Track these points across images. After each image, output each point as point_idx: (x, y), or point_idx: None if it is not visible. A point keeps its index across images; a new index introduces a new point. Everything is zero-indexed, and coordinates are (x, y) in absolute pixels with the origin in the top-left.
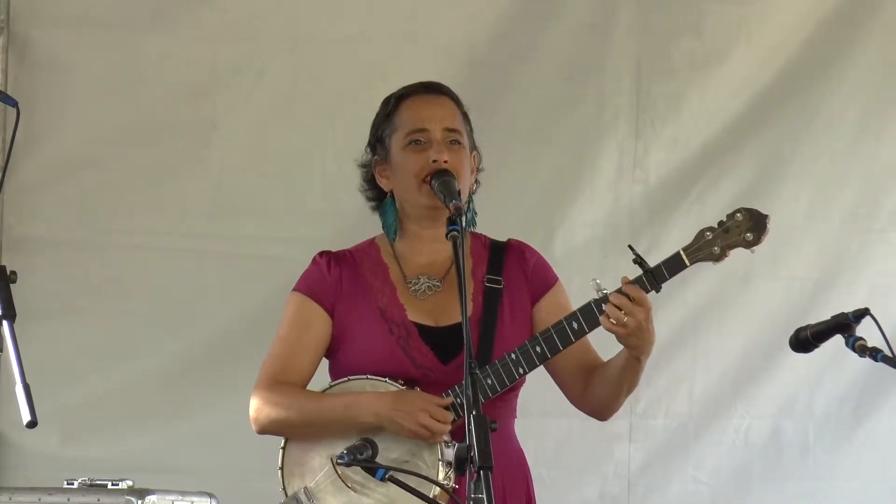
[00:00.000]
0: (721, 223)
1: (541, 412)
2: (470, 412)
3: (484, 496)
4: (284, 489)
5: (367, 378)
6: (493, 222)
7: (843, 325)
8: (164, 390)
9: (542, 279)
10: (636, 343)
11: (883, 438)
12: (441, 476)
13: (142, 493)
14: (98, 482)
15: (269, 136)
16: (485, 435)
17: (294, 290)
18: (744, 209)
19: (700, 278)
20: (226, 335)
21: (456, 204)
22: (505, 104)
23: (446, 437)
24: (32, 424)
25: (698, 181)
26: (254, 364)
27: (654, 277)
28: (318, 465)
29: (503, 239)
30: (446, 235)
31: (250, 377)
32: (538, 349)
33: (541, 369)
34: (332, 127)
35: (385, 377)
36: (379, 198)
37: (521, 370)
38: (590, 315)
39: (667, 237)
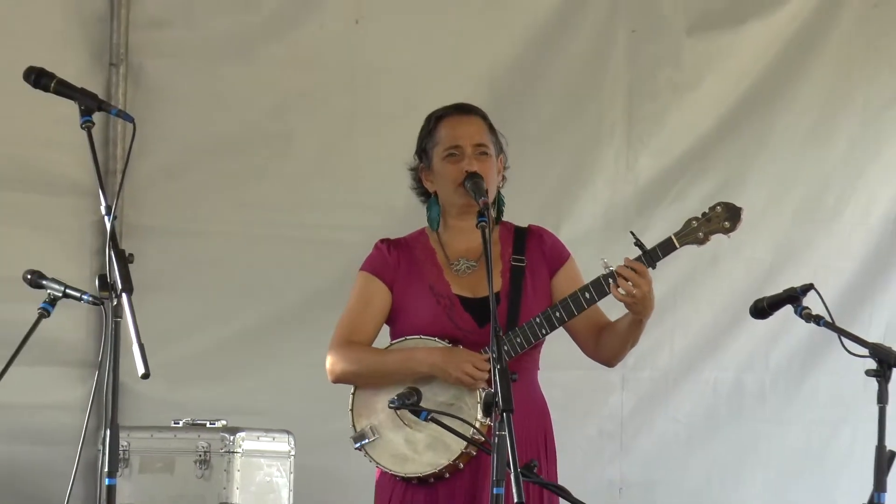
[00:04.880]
0: (704, 214)
1: (551, 366)
2: (496, 366)
3: (507, 433)
4: (354, 426)
5: (421, 338)
6: (515, 213)
7: (793, 297)
8: (252, 348)
9: (557, 256)
10: (641, 309)
11: (823, 388)
12: (480, 415)
13: (234, 431)
14: (199, 422)
15: (333, 147)
16: (507, 384)
17: (361, 269)
18: (723, 203)
19: (679, 259)
20: (302, 304)
21: (484, 200)
22: (522, 121)
23: (483, 385)
24: (146, 376)
25: (678, 182)
26: (326, 327)
27: (650, 257)
28: (380, 408)
29: (524, 225)
30: (476, 225)
31: (323, 338)
32: (557, 314)
33: (557, 331)
34: (384, 140)
35: (434, 337)
36: (426, 194)
37: (543, 331)
38: (599, 287)
39: (653, 227)
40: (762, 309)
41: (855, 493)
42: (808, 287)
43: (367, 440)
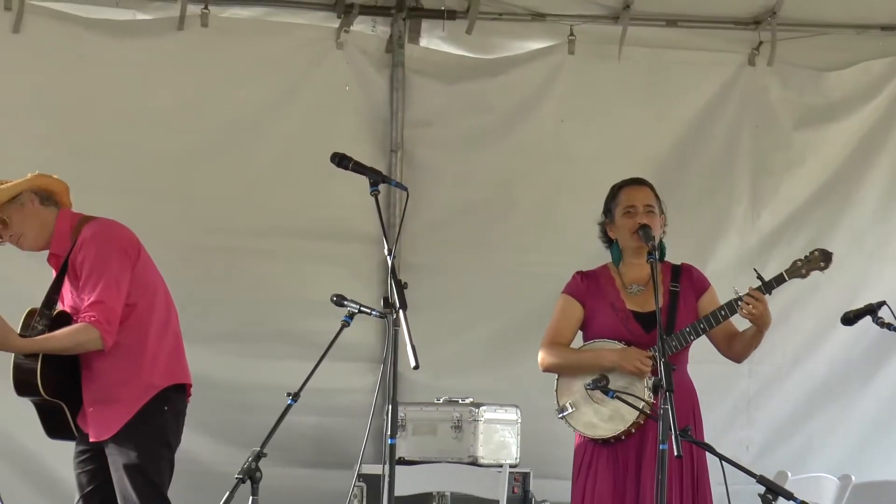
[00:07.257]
0: (806, 256)
1: (700, 361)
2: (660, 361)
3: (669, 407)
4: (557, 402)
5: (605, 340)
6: (675, 254)
7: (871, 310)
8: (490, 348)
9: (701, 285)
10: (760, 323)
11: (892, 379)
12: (646, 395)
13: (478, 405)
14: (454, 399)
15: (545, 210)
16: (669, 373)
17: (563, 292)
18: (819, 249)
19: (790, 288)
20: (524, 318)
21: (652, 243)
22: (679, 190)
23: (649, 374)
24: (416, 367)
25: (787, 233)
26: (540, 333)
27: (767, 286)
28: (576, 389)
29: (679, 263)
30: (647, 261)
31: (538, 341)
32: (702, 326)
33: (702, 337)
34: (581, 204)
35: (614, 340)
36: (609, 241)
37: (692, 336)
38: (731, 307)
39: (770, 265)
40: (849, 319)
41: None
42: (882, 303)
43: (567, 412)
